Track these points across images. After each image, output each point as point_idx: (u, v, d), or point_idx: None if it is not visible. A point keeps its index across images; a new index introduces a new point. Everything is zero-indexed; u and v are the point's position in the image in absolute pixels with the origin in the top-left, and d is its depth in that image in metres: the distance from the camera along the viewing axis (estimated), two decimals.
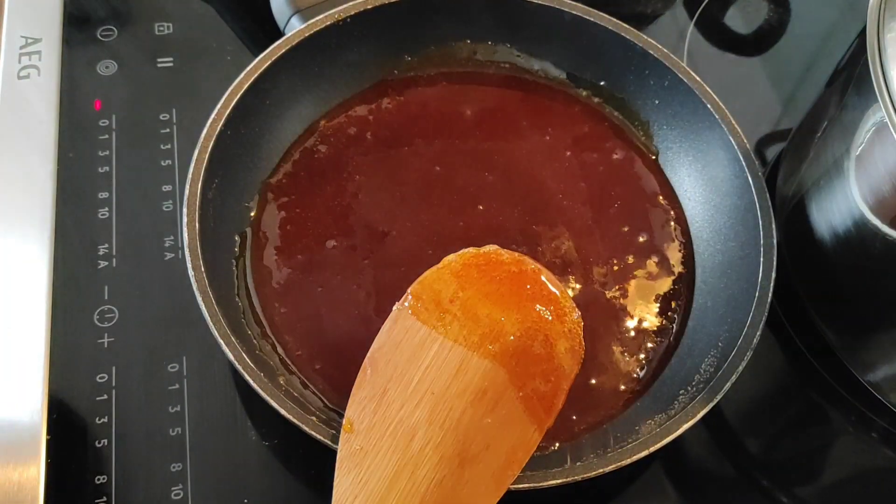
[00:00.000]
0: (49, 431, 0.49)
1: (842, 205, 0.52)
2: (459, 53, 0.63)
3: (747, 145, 0.56)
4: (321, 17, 0.58)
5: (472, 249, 0.52)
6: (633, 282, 0.56)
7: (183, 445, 0.50)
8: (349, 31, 0.59)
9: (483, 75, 0.64)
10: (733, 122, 0.57)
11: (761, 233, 0.53)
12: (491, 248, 0.52)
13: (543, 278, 0.51)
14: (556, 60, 0.63)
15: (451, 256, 0.51)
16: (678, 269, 0.57)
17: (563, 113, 0.63)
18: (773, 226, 0.54)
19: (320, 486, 0.44)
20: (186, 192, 0.51)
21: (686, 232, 0.59)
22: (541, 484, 0.44)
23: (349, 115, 0.61)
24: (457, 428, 0.45)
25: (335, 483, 0.43)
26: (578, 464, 0.45)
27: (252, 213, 0.56)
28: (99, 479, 0.49)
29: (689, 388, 0.50)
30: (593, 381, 0.53)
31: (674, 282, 0.57)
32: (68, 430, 0.50)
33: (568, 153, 0.61)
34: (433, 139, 0.61)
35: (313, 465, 0.51)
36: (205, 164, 0.51)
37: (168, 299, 0.55)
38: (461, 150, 0.60)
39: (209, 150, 0.52)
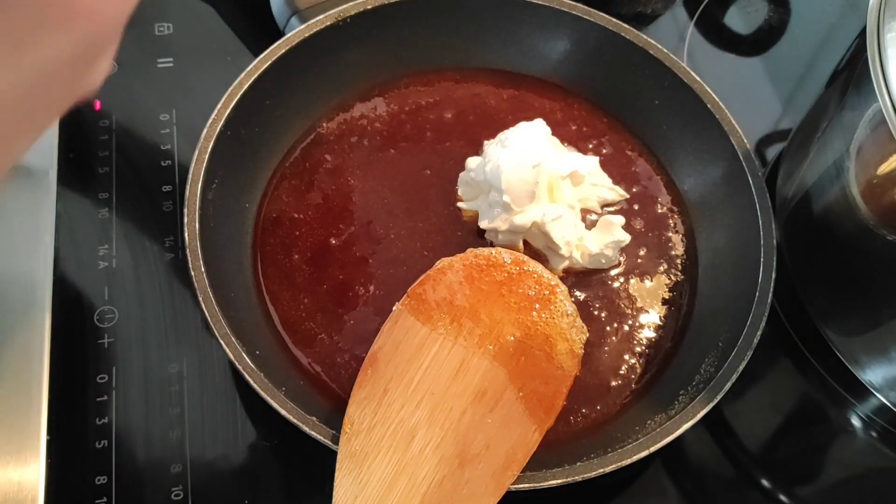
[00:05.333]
0: (49, 431, 0.49)
1: (842, 205, 0.52)
2: (459, 53, 0.63)
3: (747, 145, 0.56)
4: (321, 17, 0.58)
5: (472, 250, 0.52)
6: (633, 282, 0.56)
7: (183, 446, 0.50)
8: (349, 32, 0.59)
9: (484, 75, 0.64)
10: (733, 122, 0.57)
11: (761, 233, 0.53)
12: (491, 248, 0.52)
13: (544, 279, 0.51)
14: (556, 60, 0.63)
15: (450, 258, 0.51)
16: (678, 269, 0.57)
17: (565, 113, 0.63)
18: (773, 226, 0.54)
19: (320, 486, 0.44)
20: (186, 192, 0.51)
21: (686, 231, 0.59)
22: (541, 484, 0.44)
23: (349, 115, 0.61)
24: (457, 428, 0.45)
25: (335, 483, 0.43)
26: (578, 464, 0.45)
27: (252, 213, 0.56)
28: (99, 480, 0.49)
29: (690, 389, 0.50)
30: (594, 381, 0.52)
31: (674, 282, 0.57)
32: (68, 430, 0.50)
33: None
34: (434, 139, 0.61)
35: (313, 465, 0.51)
36: (205, 164, 0.51)
37: (168, 299, 0.55)
38: (463, 150, 0.60)
39: (209, 150, 0.52)
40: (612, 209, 0.59)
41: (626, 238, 0.56)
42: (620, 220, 0.56)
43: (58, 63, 0.27)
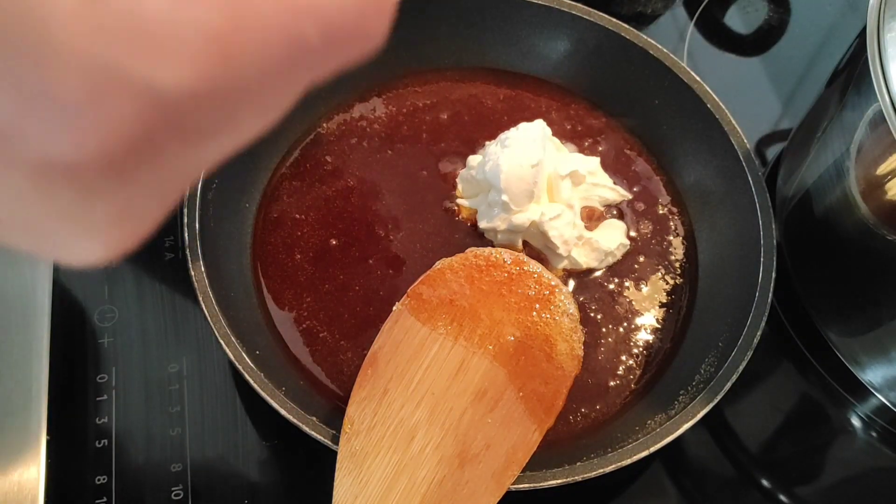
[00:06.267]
0: (49, 431, 0.49)
1: (842, 205, 0.52)
2: (459, 53, 0.63)
3: (747, 145, 0.56)
4: None
5: (472, 250, 0.52)
6: (632, 282, 0.56)
7: (183, 445, 0.50)
8: None
9: (483, 75, 0.64)
10: (733, 122, 0.57)
11: (761, 233, 0.53)
12: (491, 249, 0.52)
13: (544, 279, 0.51)
14: (556, 60, 0.63)
15: (450, 258, 0.51)
16: (678, 269, 0.57)
17: (563, 113, 0.63)
18: (773, 226, 0.54)
19: (321, 486, 0.44)
20: (186, 192, 0.51)
21: (686, 232, 0.59)
22: (541, 484, 0.44)
23: (348, 116, 0.61)
24: (457, 428, 0.45)
25: (335, 483, 0.43)
26: (578, 464, 0.45)
27: (252, 213, 0.56)
28: (99, 480, 0.49)
29: (690, 389, 0.50)
30: (594, 381, 0.52)
31: (674, 282, 0.57)
32: (68, 430, 0.50)
33: None
34: (430, 140, 0.61)
35: (313, 465, 0.51)
36: None
37: (168, 299, 0.55)
38: (460, 151, 0.60)
39: None
40: (614, 209, 0.59)
41: (626, 241, 0.56)
42: (622, 225, 0.56)
43: None
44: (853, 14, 0.78)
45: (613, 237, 0.56)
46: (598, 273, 0.56)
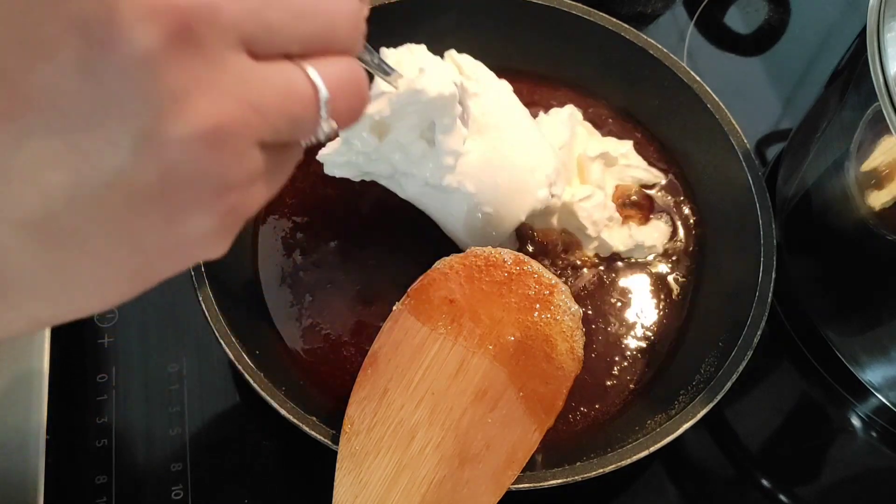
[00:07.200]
0: (49, 431, 0.49)
1: (842, 205, 0.52)
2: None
3: (747, 145, 0.56)
4: None
5: (473, 249, 0.52)
6: (632, 282, 0.56)
7: (183, 445, 0.50)
8: None
9: None
10: (733, 122, 0.57)
11: (761, 233, 0.53)
12: (491, 248, 0.52)
13: (544, 279, 0.51)
14: (555, 60, 0.63)
15: (450, 257, 0.51)
16: (679, 268, 0.57)
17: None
18: (773, 226, 0.54)
19: (320, 486, 0.44)
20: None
21: (687, 232, 0.59)
22: (541, 484, 0.44)
23: None
24: (457, 428, 0.45)
25: (335, 483, 0.43)
26: (578, 464, 0.45)
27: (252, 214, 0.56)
28: (99, 479, 0.49)
29: (690, 388, 0.50)
30: (594, 381, 0.52)
31: (674, 282, 0.57)
32: (68, 430, 0.50)
33: None
34: None
35: (313, 465, 0.51)
36: None
37: (168, 299, 0.55)
38: None
39: None
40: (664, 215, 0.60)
41: (660, 247, 0.57)
42: (667, 230, 0.58)
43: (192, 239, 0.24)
44: (853, 14, 0.78)
45: (653, 236, 0.57)
46: (598, 273, 0.56)
